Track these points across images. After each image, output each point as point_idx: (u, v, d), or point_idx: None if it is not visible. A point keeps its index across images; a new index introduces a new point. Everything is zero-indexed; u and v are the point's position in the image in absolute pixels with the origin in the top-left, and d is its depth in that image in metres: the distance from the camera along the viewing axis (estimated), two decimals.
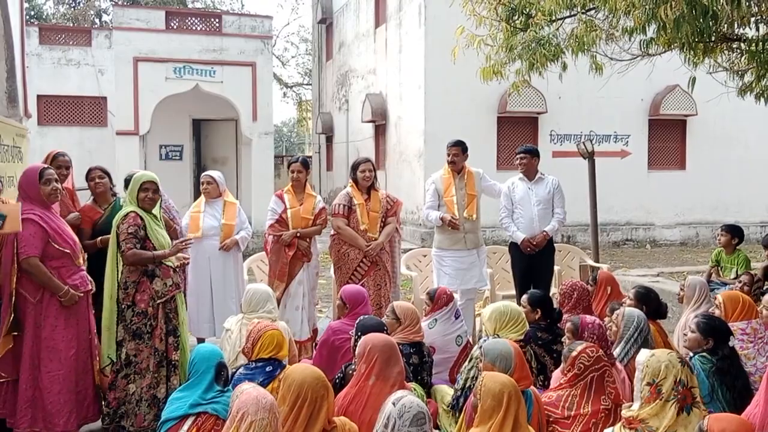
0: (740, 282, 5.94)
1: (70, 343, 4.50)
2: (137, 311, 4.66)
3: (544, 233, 6.63)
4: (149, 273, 4.72)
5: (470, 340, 5.26)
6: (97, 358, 4.77)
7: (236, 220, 6.67)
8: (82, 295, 4.51)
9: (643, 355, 3.25)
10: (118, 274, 4.74)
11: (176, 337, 4.80)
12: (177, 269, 4.96)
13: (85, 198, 5.69)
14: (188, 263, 5.49)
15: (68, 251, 4.46)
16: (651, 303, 5.03)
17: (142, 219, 4.74)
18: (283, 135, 49.50)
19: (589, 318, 4.21)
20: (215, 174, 6.72)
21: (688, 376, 3.14)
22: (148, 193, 4.83)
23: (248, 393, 3.07)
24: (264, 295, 5.01)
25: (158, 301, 4.70)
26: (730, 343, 3.98)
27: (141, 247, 4.68)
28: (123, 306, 4.67)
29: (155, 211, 4.91)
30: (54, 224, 4.45)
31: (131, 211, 4.74)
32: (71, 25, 25.18)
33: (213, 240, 6.46)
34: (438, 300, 5.08)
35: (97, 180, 5.52)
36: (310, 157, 24.43)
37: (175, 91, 14.84)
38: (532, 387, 3.67)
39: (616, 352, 4.26)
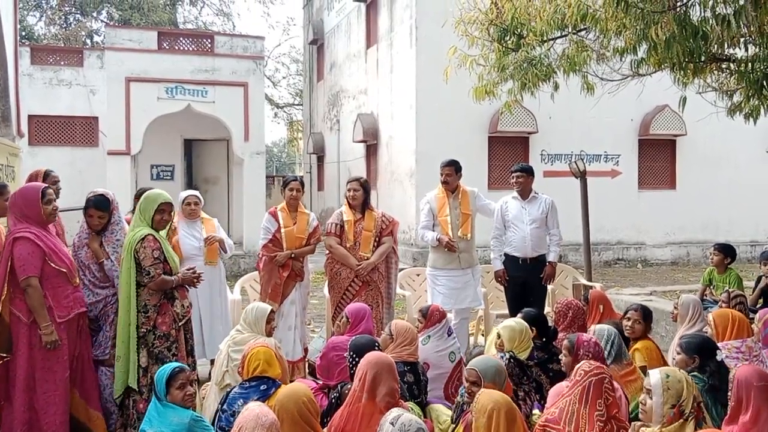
0: (723, 302, 5.94)
1: (65, 364, 4.43)
2: (159, 334, 4.59)
3: (552, 264, 6.79)
4: (169, 295, 4.68)
5: (463, 358, 5.26)
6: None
7: (218, 233, 6.62)
8: (61, 342, 4.36)
9: (656, 377, 3.24)
10: (136, 299, 4.60)
11: (193, 357, 4.78)
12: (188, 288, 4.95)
13: (70, 218, 5.67)
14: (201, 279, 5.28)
15: (64, 270, 4.41)
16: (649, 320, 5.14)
17: (158, 241, 4.66)
18: (273, 155, 49.56)
19: (585, 336, 4.23)
20: (198, 193, 6.67)
21: (698, 392, 3.17)
22: (164, 215, 4.77)
23: (251, 410, 3.07)
24: (259, 314, 4.95)
25: (180, 323, 4.67)
26: (718, 358, 4.02)
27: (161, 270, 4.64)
28: (143, 330, 4.57)
29: (162, 231, 4.88)
30: (50, 242, 4.40)
31: (148, 234, 4.61)
32: (63, 45, 25.22)
33: (196, 261, 6.33)
34: (431, 317, 5.10)
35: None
36: (302, 177, 24.44)
37: (166, 111, 14.85)
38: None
39: None
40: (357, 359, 3.87)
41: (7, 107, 9.15)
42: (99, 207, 4.77)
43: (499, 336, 4.60)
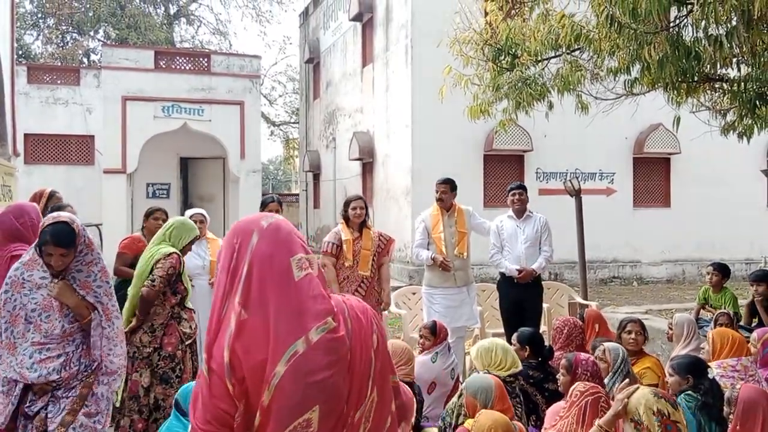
0: (719, 325, 5.89)
1: None
2: (164, 355, 4.58)
3: (531, 269, 6.66)
4: (176, 316, 4.69)
5: (460, 376, 5.26)
6: None
7: None
8: None
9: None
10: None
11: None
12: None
13: None
14: None
15: None
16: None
17: (180, 263, 4.72)
18: (269, 173, 49.62)
19: (583, 355, 4.23)
20: (204, 212, 6.74)
21: (668, 409, 3.14)
22: (193, 244, 5.01)
23: None
24: None
25: (186, 343, 4.67)
26: (709, 375, 4.03)
27: (172, 289, 4.66)
28: (149, 350, 4.57)
29: None
30: None
31: (174, 252, 4.67)
32: (59, 64, 25.30)
33: (200, 280, 6.41)
34: (440, 333, 5.11)
35: (161, 221, 5.84)
36: (278, 196, 24.45)
37: (163, 130, 14.91)
38: (519, 424, 3.69)
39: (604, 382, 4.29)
40: None
41: (3, 126, 9.16)
42: (60, 243, 3.43)
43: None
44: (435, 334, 5.12)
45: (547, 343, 5.17)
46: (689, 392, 3.92)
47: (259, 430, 1.92)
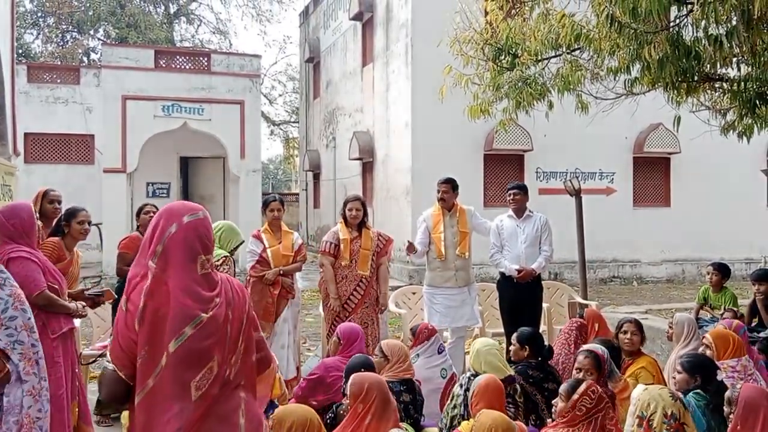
0: (724, 318, 5.95)
1: (60, 381, 4.29)
2: None
3: (531, 269, 6.63)
4: None
5: (455, 374, 5.25)
6: (77, 399, 4.64)
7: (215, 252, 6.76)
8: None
9: (638, 389, 3.27)
10: None
11: None
12: None
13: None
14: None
15: (56, 286, 4.35)
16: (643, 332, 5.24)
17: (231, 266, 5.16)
18: (269, 172, 49.63)
19: (599, 350, 4.26)
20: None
21: (681, 411, 3.14)
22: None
23: None
24: None
25: None
26: (718, 377, 4.01)
27: None
28: None
29: None
30: (42, 258, 4.40)
31: (226, 256, 5.10)
32: (59, 63, 25.29)
33: None
34: (419, 335, 5.15)
35: (152, 214, 5.86)
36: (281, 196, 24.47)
37: (163, 129, 14.89)
38: (520, 424, 3.70)
39: None
40: None
41: (3, 126, 9.16)
42: None
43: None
44: (414, 335, 5.19)
45: (546, 343, 5.18)
46: (698, 391, 3.91)
47: (166, 368, 2.41)
